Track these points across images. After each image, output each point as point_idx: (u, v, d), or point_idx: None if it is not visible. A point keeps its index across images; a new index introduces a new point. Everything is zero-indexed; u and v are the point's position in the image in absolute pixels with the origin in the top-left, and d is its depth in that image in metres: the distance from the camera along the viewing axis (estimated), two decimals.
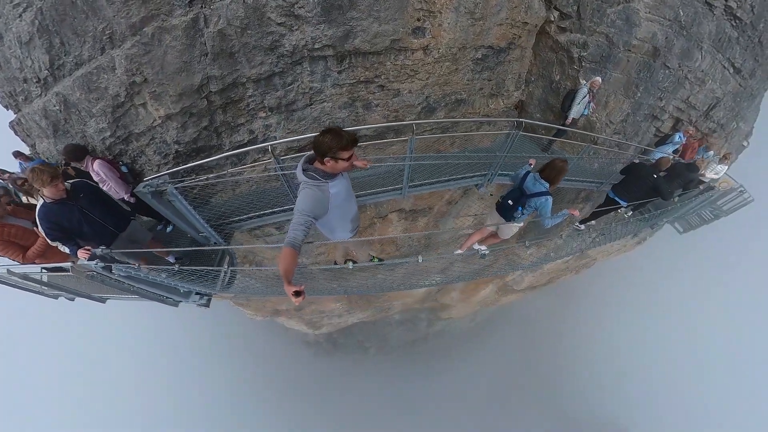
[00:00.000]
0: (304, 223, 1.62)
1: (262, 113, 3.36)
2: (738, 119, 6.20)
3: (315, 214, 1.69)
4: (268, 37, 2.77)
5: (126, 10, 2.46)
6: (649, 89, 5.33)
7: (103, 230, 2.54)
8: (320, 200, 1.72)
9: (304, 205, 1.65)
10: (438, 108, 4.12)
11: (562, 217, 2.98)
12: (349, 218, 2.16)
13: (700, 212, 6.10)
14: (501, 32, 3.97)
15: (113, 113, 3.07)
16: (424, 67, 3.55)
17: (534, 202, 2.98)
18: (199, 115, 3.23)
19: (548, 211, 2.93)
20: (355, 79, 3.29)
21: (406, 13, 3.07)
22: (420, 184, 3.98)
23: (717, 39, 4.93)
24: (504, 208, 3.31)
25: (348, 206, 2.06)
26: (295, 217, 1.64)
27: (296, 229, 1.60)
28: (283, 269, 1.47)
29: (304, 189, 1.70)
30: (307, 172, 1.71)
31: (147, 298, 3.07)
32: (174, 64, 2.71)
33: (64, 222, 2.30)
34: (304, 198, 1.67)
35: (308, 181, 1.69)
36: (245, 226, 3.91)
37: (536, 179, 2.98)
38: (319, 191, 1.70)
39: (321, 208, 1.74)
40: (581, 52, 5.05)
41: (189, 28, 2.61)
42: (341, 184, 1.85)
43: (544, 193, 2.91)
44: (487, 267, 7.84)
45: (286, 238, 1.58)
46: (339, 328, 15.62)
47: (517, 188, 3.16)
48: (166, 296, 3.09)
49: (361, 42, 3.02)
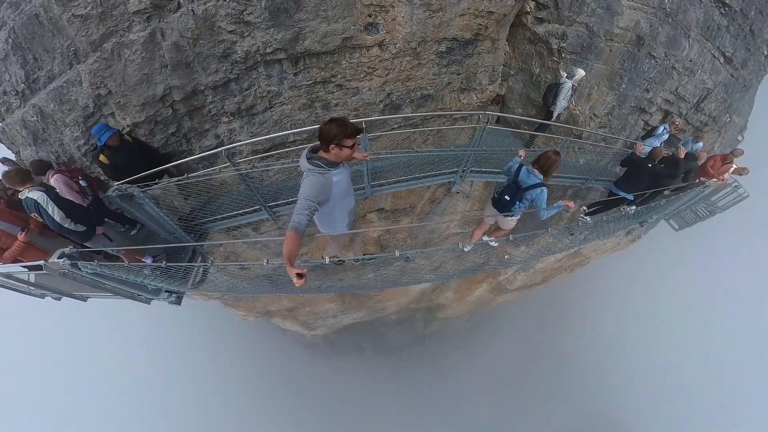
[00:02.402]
0: (308, 207, 1.70)
1: (225, 118, 3.64)
2: (731, 112, 6.08)
3: (319, 200, 1.78)
4: (220, 45, 3.01)
5: (85, 28, 2.75)
6: (634, 80, 5.32)
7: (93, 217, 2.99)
8: (324, 186, 1.82)
9: (308, 191, 1.74)
10: (403, 105, 4.23)
11: (558, 208, 3.10)
12: (347, 210, 2.29)
13: (695, 208, 6.08)
14: (464, 23, 3.96)
15: (85, 122, 3.41)
16: (382, 63, 3.65)
17: (530, 195, 3.09)
18: (166, 123, 3.54)
19: (544, 202, 3.05)
20: (311, 80, 3.48)
21: (356, 10, 3.18)
22: (385, 183, 4.18)
23: (705, 27, 4.88)
24: (501, 204, 3.43)
25: (347, 198, 2.19)
26: (299, 202, 1.72)
27: (300, 213, 1.68)
28: (287, 252, 1.55)
29: (309, 176, 1.80)
30: (311, 161, 1.81)
31: (119, 295, 3.43)
32: (135, 76, 3.01)
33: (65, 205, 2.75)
34: (309, 184, 1.77)
35: (313, 168, 1.80)
36: (219, 227, 4.23)
37: (530, 171, 3.08)
38: (323, 178, 1.81)
39: (324, 195, 1.83)
40: (560, 43, 5.09)
41: (147, 43, 2.89)
42: (343, 174, 1.96)
43: (539, 184, 3.01)
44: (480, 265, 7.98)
45: (290, 222, 1.67)
46: (334, 329, 16.05)
47: (512, 183, 3.26)
48: (137, 293, 3.43)
49: (312, 43, 3.18)
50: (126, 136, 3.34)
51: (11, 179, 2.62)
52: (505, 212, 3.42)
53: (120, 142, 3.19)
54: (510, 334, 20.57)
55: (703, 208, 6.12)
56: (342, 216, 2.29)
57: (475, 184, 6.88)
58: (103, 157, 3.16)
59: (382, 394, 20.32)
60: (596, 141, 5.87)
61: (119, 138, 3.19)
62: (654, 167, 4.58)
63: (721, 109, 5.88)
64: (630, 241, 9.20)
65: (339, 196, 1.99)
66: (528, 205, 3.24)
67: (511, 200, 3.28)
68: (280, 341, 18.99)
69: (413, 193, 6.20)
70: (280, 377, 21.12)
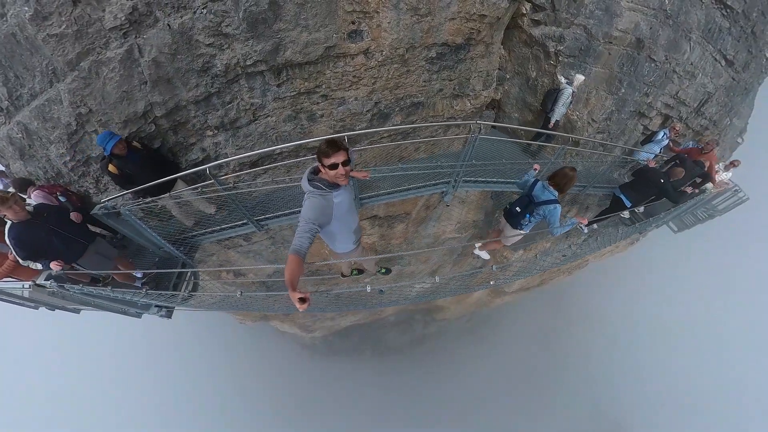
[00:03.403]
0: (309, 230, 1.70)
1: (210, 132, 3.66)
2: (731, 115, 6.01)
3: (320, 222, 1.79)
4: (199, 59, 2.99)
5: (61, 48, 2.76)
6: (633, 84, 5.27)
7: (72, 242, 2.96)
8: (324, 208, 1.83)
9: (309, 213, 1.76)
10: (392, 114, 4.21)
11: (571, 225, 3.10)
12: (351, 230, 2.31)
13: (695, 212, 6.09)
14: (454, 27, 3.86)
15: (69, 140, 3.44)
16: (368, 71, 3.60)
17: (542, 210, 3.10)
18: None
19: (557, 219, 3.06)
20: (295, 91, 3.45)
21: (338, 17, 3.12)
22: (374, 195, 4.21)
23: (707, 29, 4.80)
24: (512, 215, 3.45)
25: (350, 218, 2.20)
26: (300, 225, 1.73)
27: (301, 236, 1.68)
28: (288, 276, 1.53)
29: (309, 198, 1.83)
30: (312, 182, 1.85)
31: (109, 310, 3.51)
32: (114, 94, 3.02)
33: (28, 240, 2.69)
34: (309, 206, 1.79)
35: (313, 190, 1.83)
36: (209, 239, 4.29)
37: (545, 187, 3.10)
38: (324, 200, 1.83)
39: (325, 217, 1.85)
40: (558, 46, 5.03)
41: (125, 59, 2.90)
42: (345, 194, 1.97)
43: (553, 201, 3.01)
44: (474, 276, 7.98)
45: (292, 246, 1.66)
46: (333, 331, 16.25)
47: (525, 196, 3.27)
48: (127, 309, 3.52)
49: (293, 54, 3.14)
50: (135, 143, 3.25)
51: None
52: (514, 223, 3.42)
53: (127, 149, 3.11)
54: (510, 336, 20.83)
55: (702, 212, 6.14)
56: (348, 235, 2.31)
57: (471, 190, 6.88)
58: (112, 167, 3.07)
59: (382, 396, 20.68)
60: (594, 147, 5.85)
61: (126, 145, 3.09)
62: (665, 184, 4.56)
63: (722, 113, 5.82)
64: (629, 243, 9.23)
65: (341, 216, 2.00)
66: (539, 220, 3.23)
67: (522, 212, 3.27)
68: (279, 343, 19.29)
69: (407, 200, 6.22)
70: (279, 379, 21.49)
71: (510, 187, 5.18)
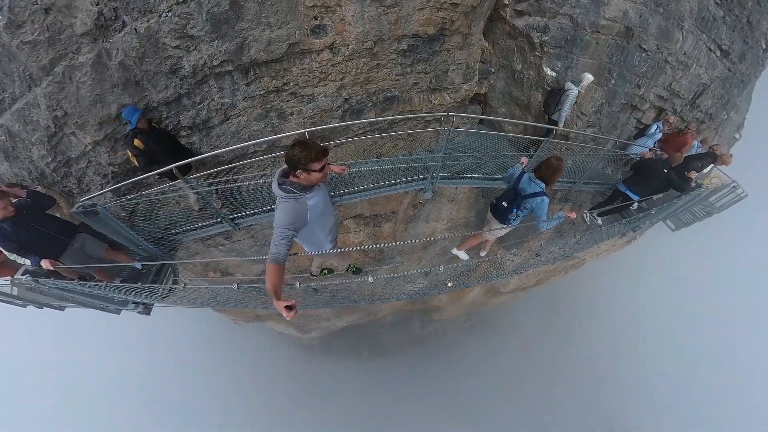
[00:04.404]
0: (285, 237, 1.69)
1: (183, 132, 3.81)
2: (728, 108, 5.80)
3: (295, 227, 1.77)
4: (166, 61, 3.12)
5: (35, 54, 2.93)
6: (624, 75, 5.16)
7: (51, 239, 3.08)
8: (299, 212, 1.80)
9: (283, 219, 1.73)
10: (365, 109, 4.22)
11: (559, 219, 3.09)
12: (327, 229, 2.28)
13: (692, 209, 5.97)
14: (424, 18, 3.79)
15: (49, 142, 3.64)
16: (335, 67, 3.62)
17: (530, 204, 3.08)
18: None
19: (544, 212, 3.03)
20: (264, 90, 3.53)
21: (299, 13, 3.15)
22: (346, 193, 4.26)
23: (700, 17, 4.66)
24: (498, 210, 3.43)
25: (326, 217, 2.18)
26: (275, 232, 1.71)
27: (278, 244, 1.67)
28: (271, 286, 1.54)
29: (282, 203, 1.79)
30: (283, 186, 1.80)
31: (88, 306, 3.72)
32: (88, 97, 3.18)
33: (13, 236, 2.84)
34: (283, 212, 1.76)
35: (285, 195, 1.79)
36: (188, 238, 4.46)
37: (531, 179, 3.05)
38: (297, 204, 1.80)
39: (300, 220, 1.82)
40: (542, 37, 4.97)
41: (96, 64, 3.05)
42: (318, 195, 1.96)
43: (540, 193, 2.97)
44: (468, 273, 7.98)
45: (269, 255, 1.65)
46: (329, 332, 16.49)
47: (511, 189, 3.25)
48: (104, 305, 3.72)
49: (257, 52, 3.21)
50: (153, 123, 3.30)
51: None
52: (502, 218, 3.41)
53: (148, 125, 3.16)
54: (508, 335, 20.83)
55: (700, 209, 6.01)
56: (324, 235, 2.30)
57: (460, 187, 6.88)
58: (138, 142, 3.07)
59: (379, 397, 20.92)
60: (585, 141, 5.76)
61: (147, 121, 3.15)
62: (669, 173, 4.53)
63: (718, 106, 5.64)
64: (625, 242, 9.05)
65: (316, 217, 1.99)
66: (526, 214, 3.20)
67: (509, 207, 3.25)
68: (276, 343, 19.69)
69: (392, 198, 6.27)
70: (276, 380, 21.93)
71: (497, 184, 5.17)
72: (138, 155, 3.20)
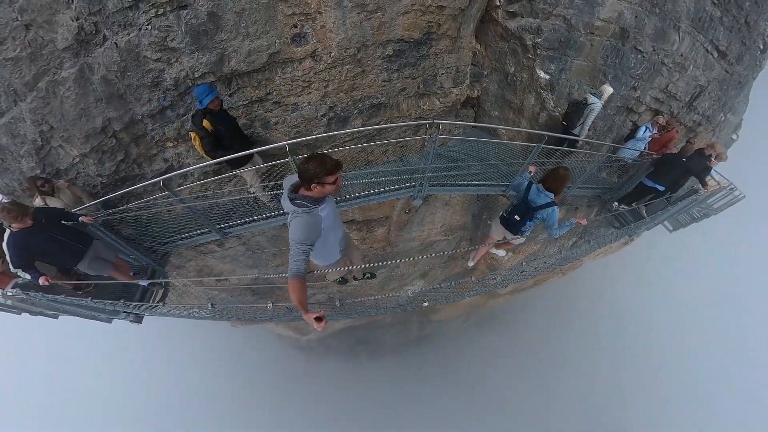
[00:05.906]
0: (303, 252, 1.77)
1: (170, 143, 3.89)
2: (726, 110, 5.78)
3: (311, 241, 1.85)
4: (148, 74, 3.18)
5: (18, 70, 3.01)
6: (619, 77, 5.16)
7: (68, 247, 3.11)
8: (313, 225, 1.88)
9: (299, 235, 1.80)
10: (351, 117, 4.23)
11: (570, 226, 3.22)
12: (338, 239, 2.39)
13: (690, 211, 6.02)
14: (409, 22, 3.76)
15: (37, 154, 3.74)
16: (318, 75, 3.64)
17: (541, 214, 3.19)
18: (113, 152, 3.82)
19: (555, 221, 3.15)
20: (247, 100, 3.59)
21: (278, 22, 3.18)
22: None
23: (697, 18, 4.63)
24: (511, 224, 3.54)
25: (336, 228, 2.29)
26: (293, 248, 1.78)
27: (297, 260, 1.75)
28: (297, 301, 1.65)
29: (296, 218, 1.85)
30: (295, 201, 1.86)
31: (79, 316, 3.86)
32: (72, 111, 3.26)
33: (30, 247, 2.82)
34: (298, 227, 1.82)
35: (298, 210, 1.85)
36: (180, 246, 4.58)
37: (540, 190, 3.17)
38: (311, 217, 1.87)
39: (315, 233, 1.90)
40: (535, 39, 4.97)
41: (78, 78, 3.13)
42: (329, 207, 2.03)
43: (550, 203, 3.10)
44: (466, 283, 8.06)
45: (290, 271, 1.74)
46: (328, 333, 16.72)
47: (522, 202, 3.35)
48: (95, 314, 3.85)
49: (237, 63, 3.25)
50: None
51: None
52: (514, 231, 3.52)
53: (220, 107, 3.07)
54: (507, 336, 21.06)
55: (698, 210, 6.06)
56: (335, 245, 2.40)
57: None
58: (207, 122, 2.98)
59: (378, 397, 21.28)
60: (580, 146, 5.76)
61: (220, 102, 3.05)
62: (687, 162, 4.70)
63: (716, 108, 5.63)
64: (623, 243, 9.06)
65: (329, 228, 2.08)
66: (538, 223, 3.32)
67: (522, 220, 3.36)
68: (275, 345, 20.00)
69: (384, 203, 6.33)
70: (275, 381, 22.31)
71: (489, 190, 5.20)
72: (205, 137, 3.07)
